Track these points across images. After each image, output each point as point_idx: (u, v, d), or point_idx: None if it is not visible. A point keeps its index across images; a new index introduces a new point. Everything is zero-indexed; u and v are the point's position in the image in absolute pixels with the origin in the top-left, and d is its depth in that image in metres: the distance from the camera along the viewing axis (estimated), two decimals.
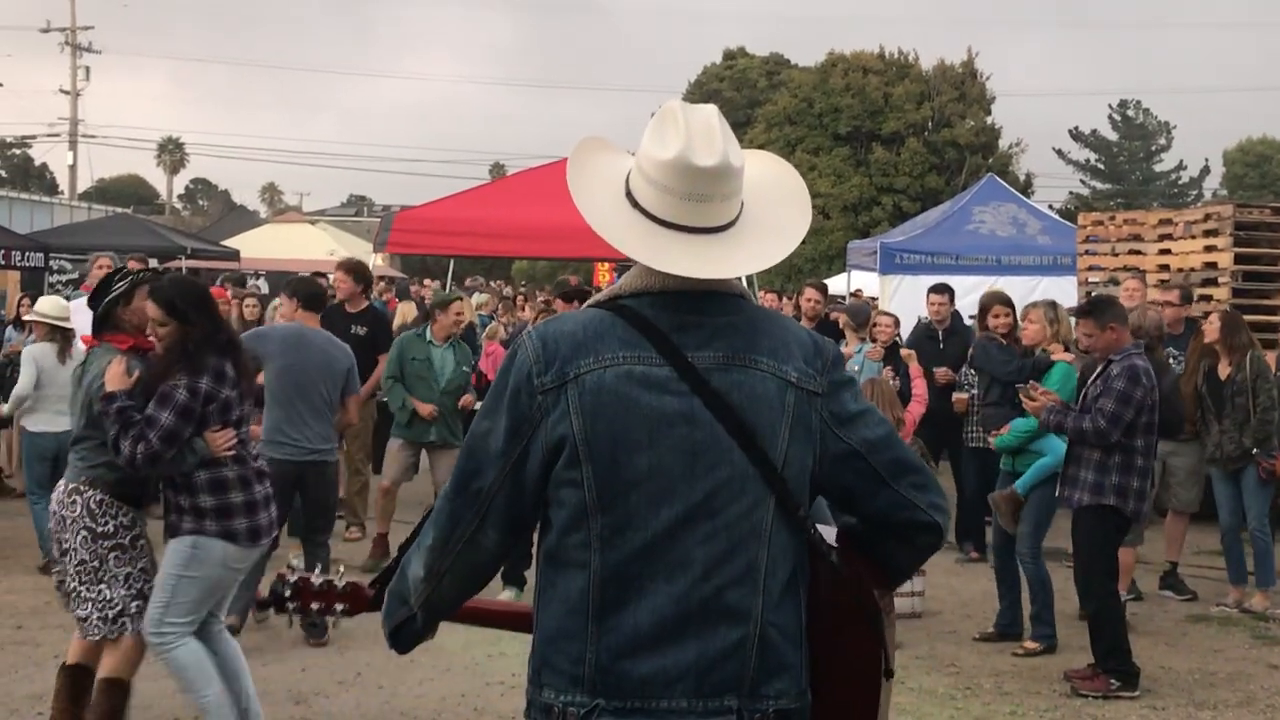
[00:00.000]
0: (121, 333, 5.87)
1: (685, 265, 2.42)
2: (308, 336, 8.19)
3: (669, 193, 2.44)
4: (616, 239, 2.46)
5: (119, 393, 5.52)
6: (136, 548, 5.74)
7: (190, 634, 5.68)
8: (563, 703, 2.42)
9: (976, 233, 18.49)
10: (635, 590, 2.39)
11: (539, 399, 2.42)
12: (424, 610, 2.55)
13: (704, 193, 2.43)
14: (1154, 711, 6.95)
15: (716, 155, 2.42)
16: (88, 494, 5.67)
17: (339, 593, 2.95)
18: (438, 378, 10.01)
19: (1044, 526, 8.07)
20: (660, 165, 2.43)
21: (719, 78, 58.44)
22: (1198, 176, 64.04)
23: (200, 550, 5.59)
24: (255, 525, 5.72)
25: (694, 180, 2.42)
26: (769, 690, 2.43)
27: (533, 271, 52.93)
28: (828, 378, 2.54)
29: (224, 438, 5.61)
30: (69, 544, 5.67)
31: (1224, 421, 9.13)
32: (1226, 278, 11.99)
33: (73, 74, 54.86)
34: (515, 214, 13.71)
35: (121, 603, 5.67)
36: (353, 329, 10.69)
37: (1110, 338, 7.40)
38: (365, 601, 2.93)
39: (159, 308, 5.61)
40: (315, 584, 2.95)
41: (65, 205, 38.23)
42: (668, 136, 2.45)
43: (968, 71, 46.28)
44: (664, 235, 2.45)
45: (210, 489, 5.61)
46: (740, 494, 2.42)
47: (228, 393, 5.63)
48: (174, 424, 5.44)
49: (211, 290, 11.11)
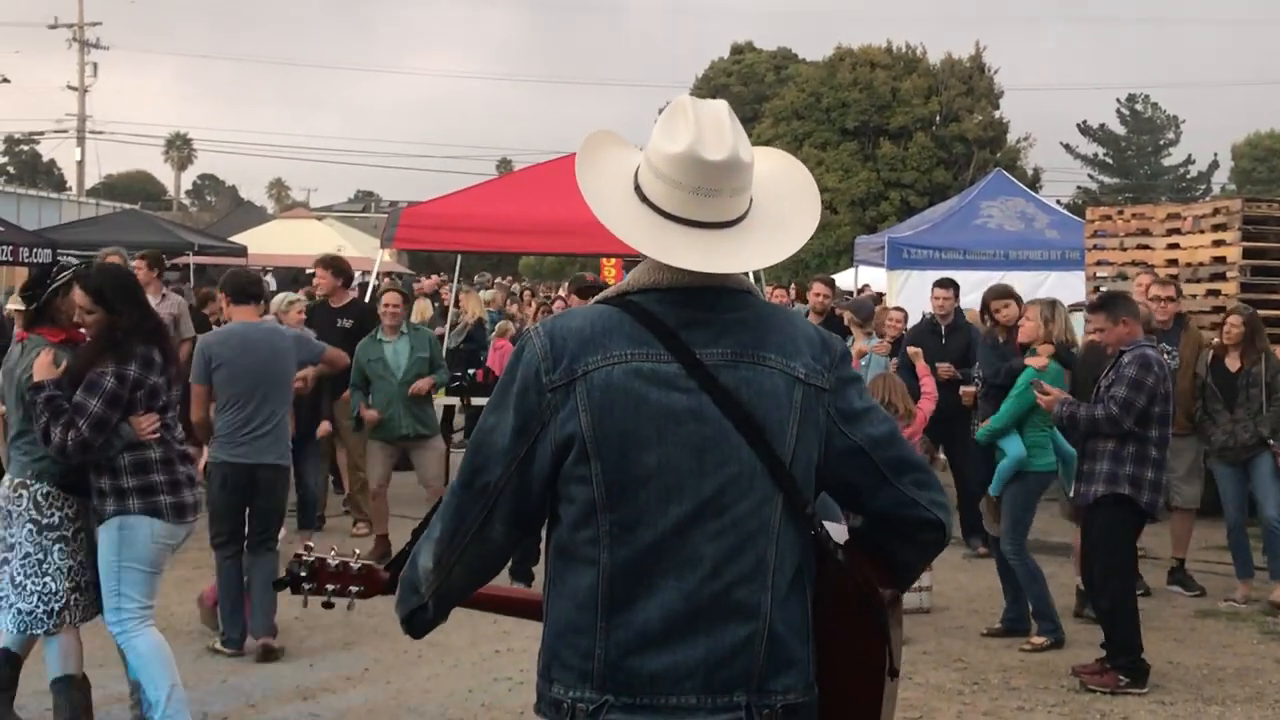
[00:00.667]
0: (56, 325, 5.92)
1: (693, 260, 2.42)
2: (246, 334, 7.63)
3: (678, 187, 2.43)
4: (625, 233, 2.46)
5: (47, 382, 5.57)
6: (78, 540, 5.80)
7: (150, 620, 5.76)
8: (572, 698, 2.42)
9: (984, 227, 18.47)
10: (645, 587, 2.40)
11: (548, 396, 2.42)
12: (435, 600, 2.55)
13: (713, 187, 2.43)
14: (1162, 707, 6.95)
15: (726, 149, 2.42)
16: (34, 487, 5.73)
17: (355, 574, 2.94)
18: (394, 373, 10.00)
19: (1023, 522, 8.10)
20: (669, 159, 2.43)
21: (726, 73, 58.45)
22: (1206, 171, 63.98)
23: (127, 530, 5.67)
24: (180, 503, 5.82)
25: (703, 174, 2.41)
26: (777, 685, 2.44)
27: (540, 267, 52.98)
28: (834, 374, 2.54)
29: (149, 422, 5.70)
30: (15, 538, 5.72)
31: (1236, 411, 9.13)
32: (1235, 272, 11.95)
33: (80, 70, 55.01)
34: (522, 209, 13.70)
35: (65, 595, 5.73)
36: (339, 323, 10.72)
37: (1122, 331, 7.41)
38: (381, 584, 2.93)
39: (87, 296, 5.70)
40: (331, 565, 2.94)
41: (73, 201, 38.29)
42: (677, 131, 2.45)
43: (975, 66, 46.27)
44: (673, 230, 2.44)
45: (133, 470, 5.69)
46: (749, 490, 2.43)
47: (155, 379, 5.73)
48: (102, 411, 5.53)
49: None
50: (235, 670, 7.17)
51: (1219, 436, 9.22)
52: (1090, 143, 64.89)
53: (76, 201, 38.26)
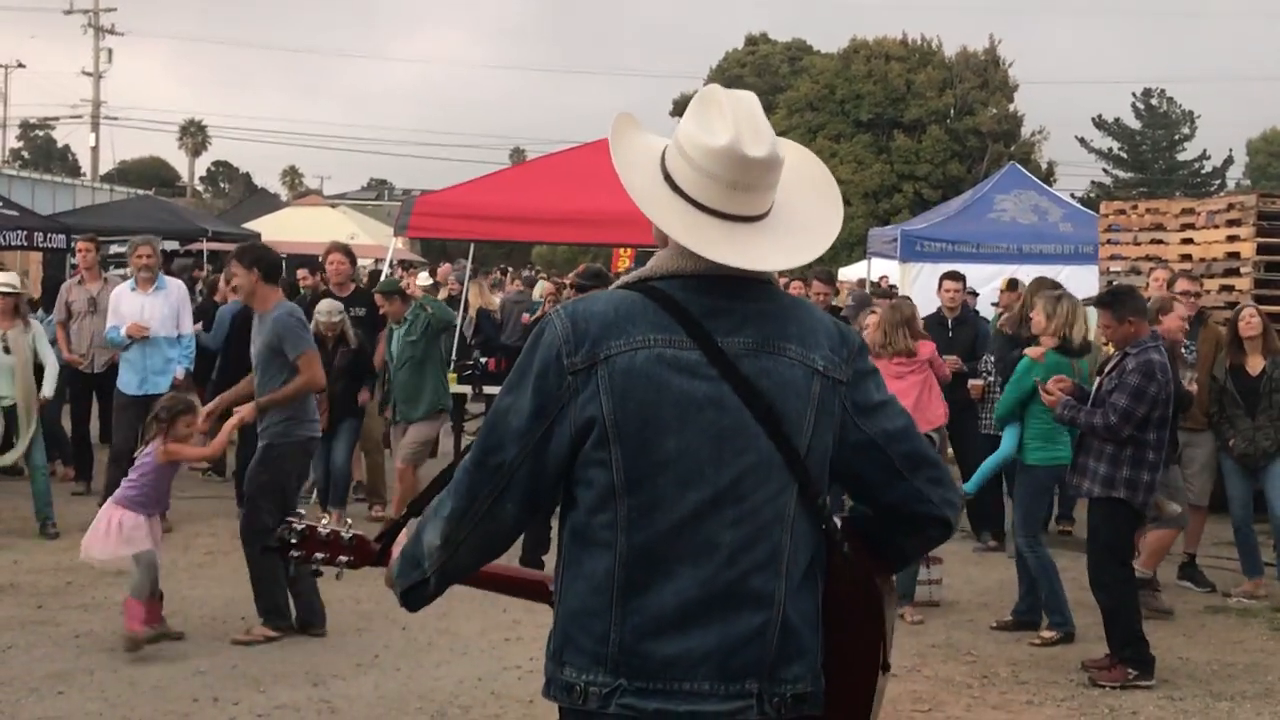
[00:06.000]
0: None
1: (729, 255, 2.44)
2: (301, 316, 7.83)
3: (716, 180, 2.45)
4: (662, 220, 2.47)
5: None
6: None
7: None
8: (585, 681, 2.43)
9: (998, 221, 18.45)
10: (661, 572, 2.41)
11: (568, 379, 2.42)
12: (437, 576, 2.56)
13: (751, 182, 2.45)
14: (1171, 702, 6.94)
15: (765, 146, 2.45)
16: None
17: (344, 544, 2.92)
18: (392, 360, 10.63)
19: (1034, 513, 8.12)
20: (709, 152, 2.44)
21: (740, 63, 58.36)
22: (1221, 166, 63.63)
23: None
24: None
25: (743, 170, 2.43)
26: (788, 674, 2.45)
27: (552, 257, 52.95)
28: (852, 366, 2.56)
29: None
30: None
31: (1259, 418, 9.05)
32: (1249, 268, 11.92)
33: (95, 56, 55.01)
34: (535, 199, 13.68)
35: None
36: (351, 311, 10.76)
37: (1128, 330, 7.37)
38: (370, 556, 2.90)
39: None
40: (322, 534, 2.92)
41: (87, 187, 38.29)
42: (714, 123, 2.46)
43: (990, 59, 46.14)
44: (705, 220, 2.46)
45: None
46: (766, 480, 2.44)
47: None
48: None
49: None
50: (245, 655, 7.20)
51: (1239, 444, 9.08)
52: (1105, 137, 64.61)
53: (91, 187, 38.22)
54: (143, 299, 10.64)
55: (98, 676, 6.79)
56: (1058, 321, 8.22)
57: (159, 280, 10.75)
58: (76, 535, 9.79)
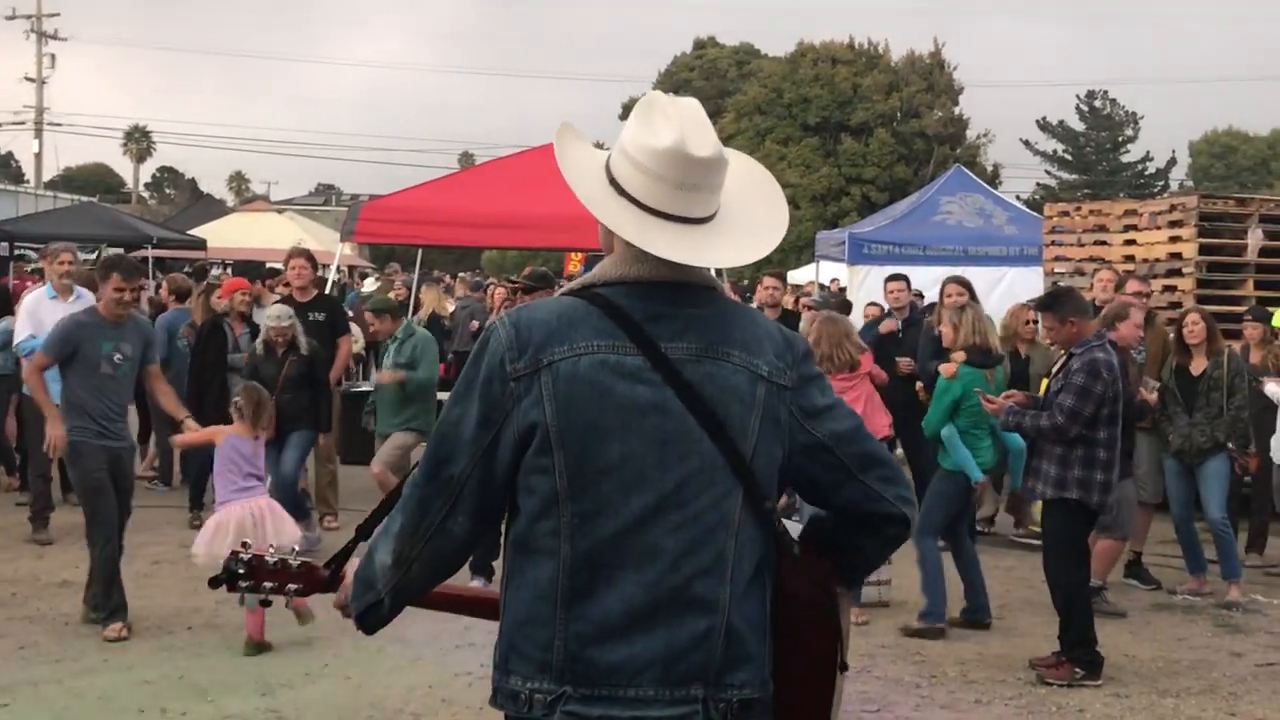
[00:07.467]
0: None
1: (677, 252, 2.45)
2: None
3: (662, 181, 2.46)
4: (612, 221, 2.48)
5: None
6: None
7: None
8: (529, 689, 2.43)
9: (944, 223, 18.57)
10: (605, 578, 2.40)
11: (511, 385, 2.42)
12: (391, 596, 2.54)
13: (696, 182, 2.46)
14: (1118, 699, 7.00)
15: (710, 146, 2.46)
16: None
17: (293, 572, 2.89)
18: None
19: (931, 515, 8.13)
20: (654, 153, 2.45)
21: (689, 67, 58.53)
22: (1164, 168, 64.41)
23: None
24: None
25: (688, 170, 2.45)
26: (734, 680, 2.45)
27: (502, 261, 52.84)
28: (797, 371, 2.56)
29: None
30: None
31: (1195, 415, 9.16)
32: (1191, 268, 12.08)
33: (38, 61, 54.50)
34: (484, 203, 13.67)
35: None
36: (310, 317, 10.67)
37: (1070, 331, 7.43)
38: (320, 582, 2.87)
39: None
40: (269, 563, 2.90)
41: (31, 194, 37.92)
42: (658, 125, 2.47)
43: (935, 62, 46.47)
44: (652, 223, 2.47)
45: None
46: (710, 485, 2.44)
47: None
48: None
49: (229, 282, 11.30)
50: (193, 665, 7.13)
51: (1175, 439, 9.24)
52: (1049, 139, 65.27)
53: (34, 194, 37.87)
54: (62, 308, 10.36)
55: (43, 689, 6.72)
56: (964, 331, 8.28)
57: (76, 291, 10.26)
58: (18, 546, 9.72)
